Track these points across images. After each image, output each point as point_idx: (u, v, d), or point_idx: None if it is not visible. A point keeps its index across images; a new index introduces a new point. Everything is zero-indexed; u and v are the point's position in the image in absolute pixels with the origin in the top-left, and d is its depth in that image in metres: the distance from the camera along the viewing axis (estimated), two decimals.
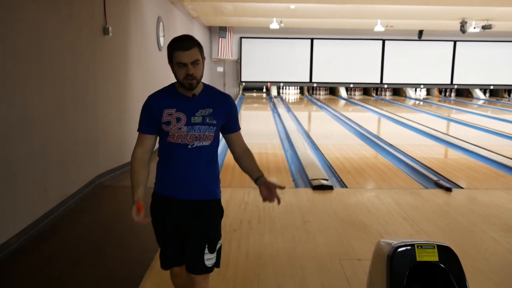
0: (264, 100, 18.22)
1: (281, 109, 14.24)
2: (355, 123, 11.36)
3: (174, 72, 2.17)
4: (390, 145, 8.30)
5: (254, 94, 19.79)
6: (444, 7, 11.37)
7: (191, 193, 2.22)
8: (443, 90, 20.73)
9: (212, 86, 2.34)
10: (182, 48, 2.11)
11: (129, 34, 6.84)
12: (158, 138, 2.30)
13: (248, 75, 19.36)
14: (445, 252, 2.00)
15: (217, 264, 2.30)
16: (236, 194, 5.08)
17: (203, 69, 2.18)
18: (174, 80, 2.24)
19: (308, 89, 20.38)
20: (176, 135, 2.18)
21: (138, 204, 2.16)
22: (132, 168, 2.26)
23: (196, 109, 2.20)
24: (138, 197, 2.19)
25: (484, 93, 20.28)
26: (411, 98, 19.65)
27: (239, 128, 2.39)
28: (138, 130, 2.28)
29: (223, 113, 2.26)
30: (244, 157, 2.38)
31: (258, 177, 2.31)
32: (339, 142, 8.88)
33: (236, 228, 4.08)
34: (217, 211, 2.30)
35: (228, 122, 2.31)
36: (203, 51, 2.20)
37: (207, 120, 2.20)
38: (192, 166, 2.21)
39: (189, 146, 2.19)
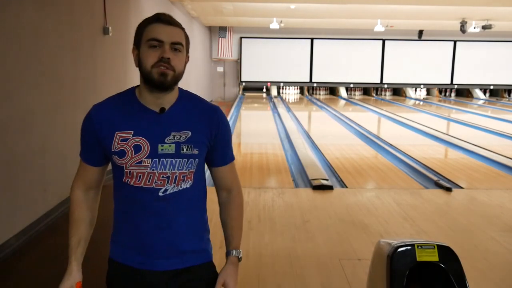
0: (264, 100, 18.22)
1: (281, 109, 14.24)
2: (355, 123, 11.36)
3: (139, 60, 1.45)
4: (390, 145, 8.30)
5: (255, 94, 19.79)
6: (444, 7, 11.37)
7: (171, 262, 1.50)
8: (443, 90, 20.74)
9: (191, 93, 1.57)
10: (161, 20, 1.45)
11: (129, 34, 6.84)
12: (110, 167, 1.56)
13: (248, 75, 19.36)
14: (445, 252, 2.00)
15: None
16: None
17: (184, 66, 1.49)
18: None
19: (308, 89, 20.39)
20: (136, 173, 1.44)
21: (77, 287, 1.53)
22: (70, 213, 1.56)
23: (166, 132, 1.45)
24: (75, 268, 1.57)
25: (484, 93, 20.29)
26: (411, 98, 19.66)
27: (231, 159, 1.62)
28: (80, 157, 1.56)
29: (208, 136, 1.51)
30: (227, 210, 1.64)
31: (229, 251, 1.62)
32: (339, 142, 8.88)
33: None
34: (211, 279, 1.56)
35: (214, 150, 1.55)
36: (189, 45, 1.53)
37: (184, 149, 1.46)
38: (169, 224, 1.48)
39: (160, 193, 1.46)
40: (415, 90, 20.43)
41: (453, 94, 20.54)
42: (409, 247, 2.00)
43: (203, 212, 1.59)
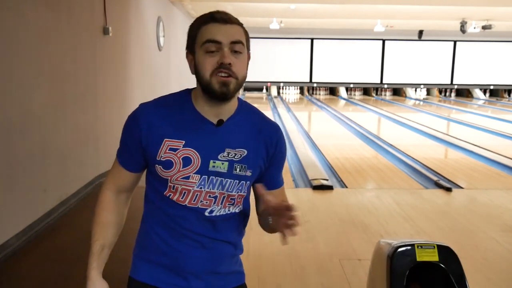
0: (264, 100, 18.22)
1: (281, 109, 14.24)
2: (355, 123, 11.36)
3: (195, 67, 1.28)
4: (390, 145, 8.30)
5: (255, 94, 19.79)
6: (444, 7, 11.37)
7: (207, 283, 1.37)
8: (443, 90, 20.73)
9: (251, 104, 1.43)
10: (216, 18, 1.28)
11: (129, 34, 6.84)
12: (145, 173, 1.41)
13: (248, 75, 19.26)
14: (445, 252, 2.00)
15: None
16: None
17: (247, 69, 1.33)
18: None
19: (308, 89, 20.38)
20: (181, 190, 1.29)
21: None
22: (96, 214, 1.40)
23: (220, 147, 1.29)
24: (98, 278, 1.34)
25: (484, 93, 20.28)
26: (411, 98, 19.66)
27: (281, 184, 1.46)
28: (117, 155, 1.41)
29: (264, 158, 1.36)
30: None
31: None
32: (339, 142, 8.89)
33: None
34: None
35: (267, 172, 1.40)
36: (250, 42, 1.35)
37: (237, 169, 1.31)
38: (212, 244, 1.35)
39: (206, 214, 1.32)
40: (415, 90, 20.42)
41: (453, 94, 20.52)
42: (409, 247, 2.00)
43: (243, 235, 1.49)
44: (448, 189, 5.40)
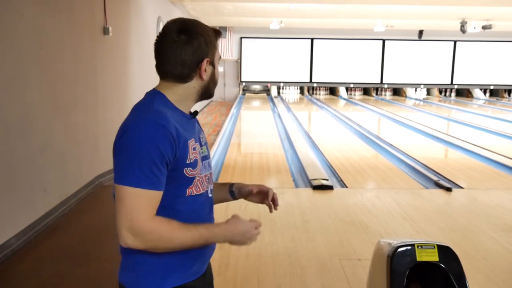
0: (264, 100, 18.22)
1: (281, 109, 14.23)
2: (355, 123, 11.35)
3: (213, 77, 1.46)
4: (390, 145, 8.30)
5: (255, 94, 19.79)
6: (444, 7, 11.37)
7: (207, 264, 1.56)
8: (443, 90, 20.72)
9: None
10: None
11: (129, 34, 6.84)
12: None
13: (248, 75, 19.35)
14: (445, 252, 2.00)
15: None
16: None
17: None
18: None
19: (308, 89, 20.37)
20: (199, 180, 1.42)
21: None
22: (171, 229, 1.32)
23: (200, 134, 1.49)
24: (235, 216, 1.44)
25: (484, 93, 20.27)
26: (411, 98, 19.64)
27: None
28: (144, 186, 1.26)
29: None
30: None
31: (231, 184, 1.71)
32: (339, 142, 8.88)
33: None
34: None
35: None
36: None
37: (208, 149, 1.54)
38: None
39: (210, 194, 1.50)
40: (415, 90, 20.41)
41: (453, 94, 20.50)
42: (409, 247, 2.00)
43: None
44: (448, 189, 5.40)
